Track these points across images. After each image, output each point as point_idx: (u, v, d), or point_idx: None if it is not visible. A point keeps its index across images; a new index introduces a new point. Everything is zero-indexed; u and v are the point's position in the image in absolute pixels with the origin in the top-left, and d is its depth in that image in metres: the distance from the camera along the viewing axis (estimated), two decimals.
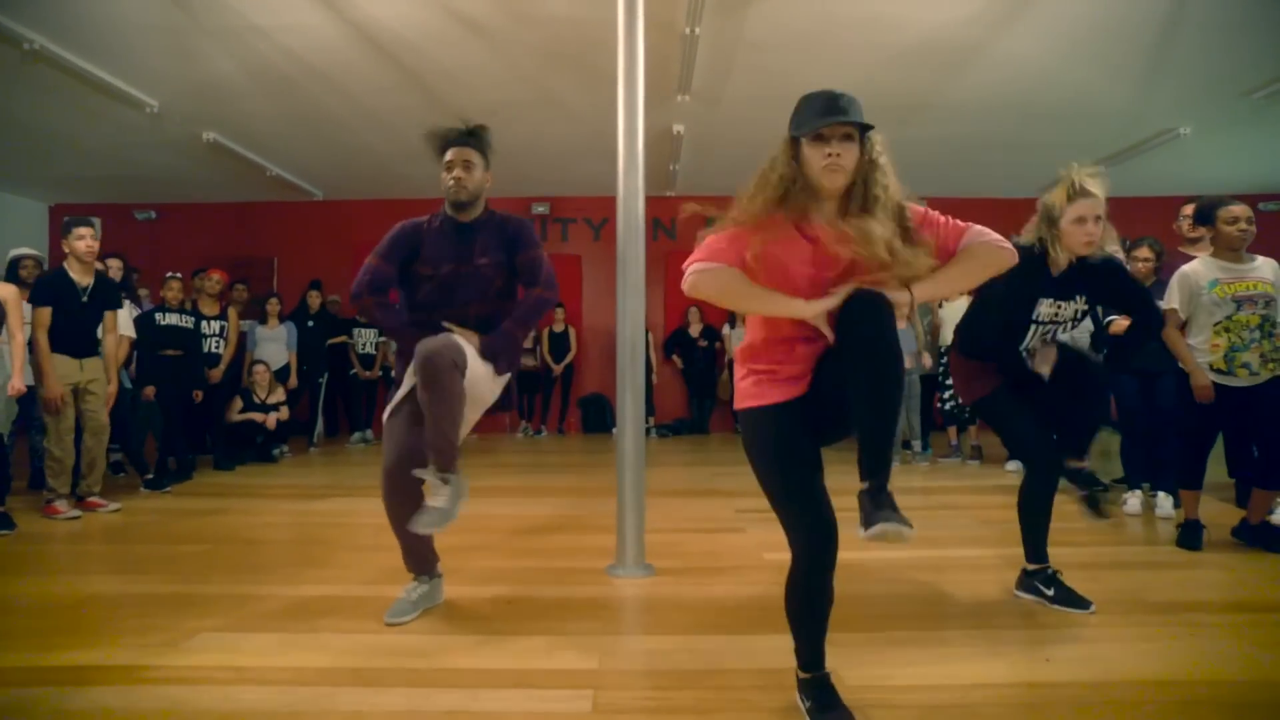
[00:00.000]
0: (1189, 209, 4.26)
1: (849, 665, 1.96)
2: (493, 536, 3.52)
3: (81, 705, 1.77)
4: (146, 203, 9.52)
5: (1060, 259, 2.53)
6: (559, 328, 8.76)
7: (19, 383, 3.77)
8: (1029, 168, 8.28)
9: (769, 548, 3.27)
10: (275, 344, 6.79)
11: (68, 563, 3.23)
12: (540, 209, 9.36)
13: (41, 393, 3.99)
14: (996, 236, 1.75)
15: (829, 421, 1.70)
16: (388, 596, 2.58)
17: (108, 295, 4.33)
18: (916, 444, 6.38)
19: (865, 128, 1.69)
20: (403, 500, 2.30)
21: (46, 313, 4.00)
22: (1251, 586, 2.73)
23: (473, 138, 2.65)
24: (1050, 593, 2.55)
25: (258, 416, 6.25)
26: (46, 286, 4.09)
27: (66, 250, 4.16)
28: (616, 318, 3.09)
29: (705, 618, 2.38)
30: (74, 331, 4.10)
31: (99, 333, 4.30)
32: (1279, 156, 7.97)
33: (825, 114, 1.65)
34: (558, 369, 8.68)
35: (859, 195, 1.68)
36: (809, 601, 1.69)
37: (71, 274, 4.15)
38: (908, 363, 6.14)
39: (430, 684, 1.90)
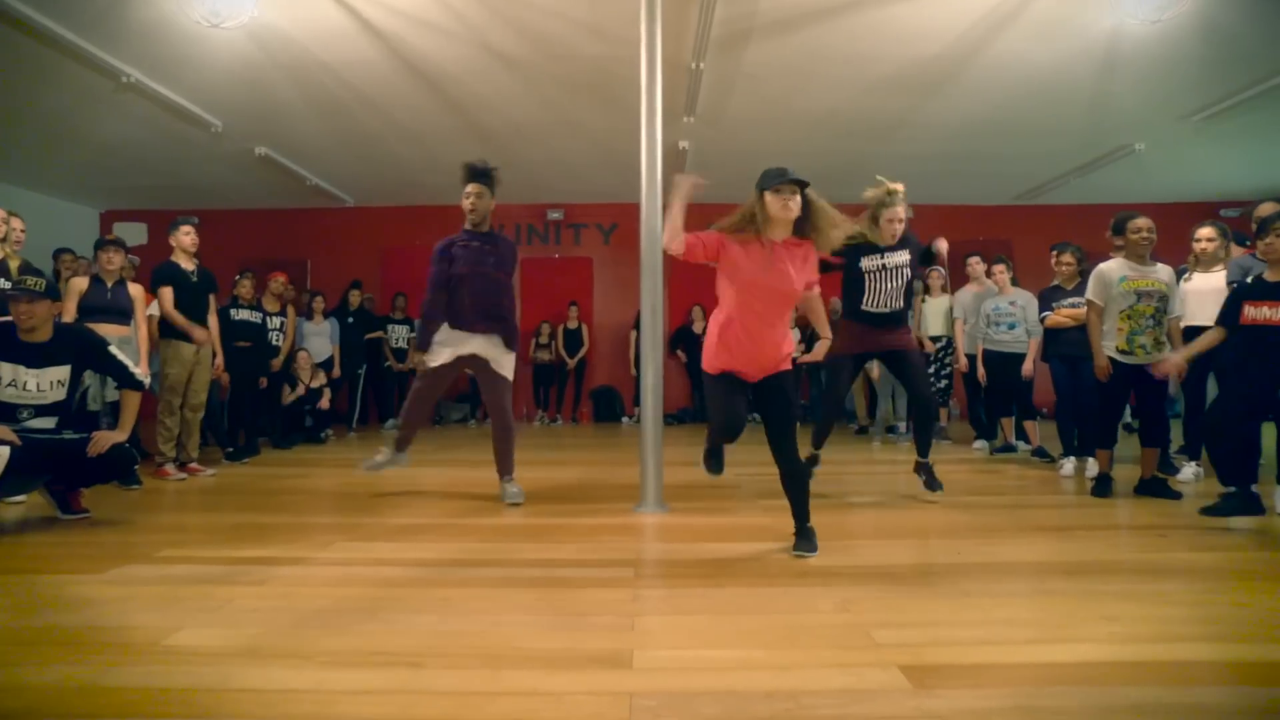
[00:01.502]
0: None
1: (817, 558, 2.75)
2: (532, 488, 4.27)
3: (284, 573, 2.56)
4: (190, 209, 10.29)
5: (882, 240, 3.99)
6: (573, 325, 9.53)
7: (144, 368, 4.56)
8: (1006, 178, 9.11)
9: (765, 495, 4.06)
10: (320, 338, 7.58)
11: (203, 506, 4.02)
12: (555, 215, 10.16)
13: (161, 367, 4.80)
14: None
15: None
16: (466, 525, 3.40)
17: (209, 280, 5.14)
18: (901, 425, 7.15)
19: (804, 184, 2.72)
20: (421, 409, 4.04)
21: (169, 291, 4.82)
22: (1126, 517, 3.54)
23: (483, 175, 3.99)
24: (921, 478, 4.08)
25: (315, 381, 7.08)
26: (163, 272, 4.89)
27: (174, 244, 4.95)
28: (641, 310, 3.84)
29: (711, 534, 3.15)
30: (190, 315, 4.88)
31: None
32: (1230, 169, 8.74)
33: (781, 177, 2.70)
34: (571, 363, 9.46)
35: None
36: None
37: (179, 263, 4.94)
38: None
39: (516, 565, 2.69)
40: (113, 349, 3.60)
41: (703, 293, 9.54)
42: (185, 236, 4.92)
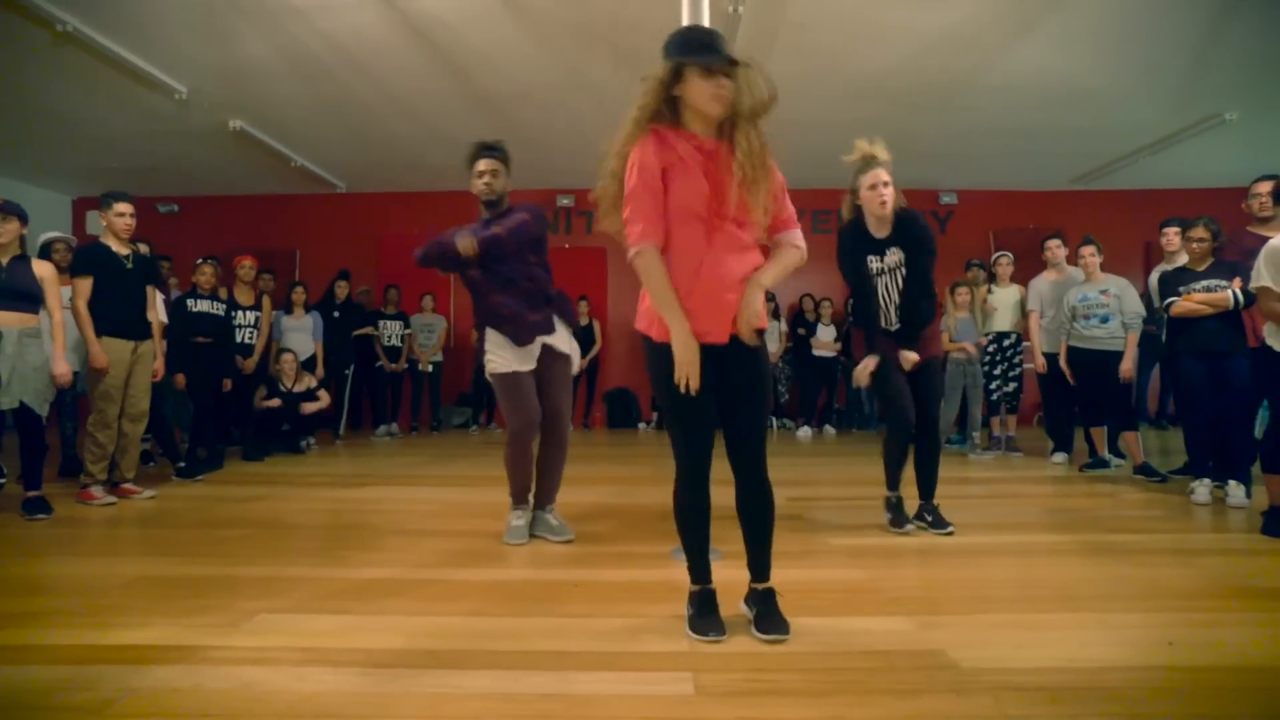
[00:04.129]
0: (1263, 186, 4.12)
1: (958, 647, 1.83)
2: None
3: (147, 683, 1.65)
4: (169, 196, 9.47)
5: (872, 223, 3.09)
6: (583, 321, 8.62)
7: (62, 366, 3.67)
8: (1067, 156, 8.14)
9: (829, 528, 3.17)
10: (301, 334, 6.69)
11: (108, 546, 3.12)
12: (565, 201, 9.27)
13: (88, 368, 3.93)
14: (801, 237, 2.01)
15: None
16: (449, 580, 2.50)
17: (149, 268, 4.24)
18: (977, 435, 6.18)
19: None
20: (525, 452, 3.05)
21: (88, 283, 3.91)
22: None
23: (497, 150, 3.18)
24: (927, 519, 3.19)
25: (309, 406, 6.23)
26: (87, 256, 4.00)
27: (104, 224, 4.07)
28: None
29: (787, 599, 2.22)
30: (123, 307, 4.01)
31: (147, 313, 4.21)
32: None
33: (712, 51, 1.80)
34: (583, 363, 8.53)
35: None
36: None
37: (111, 245, 4.07)
38: (972, 352, 5.96)
39: (518, 668, 1.76)
40: None
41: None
42: (119, 219, 4.02)
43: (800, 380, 8.43)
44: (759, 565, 2.04)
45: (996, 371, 6.03)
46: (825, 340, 8.20)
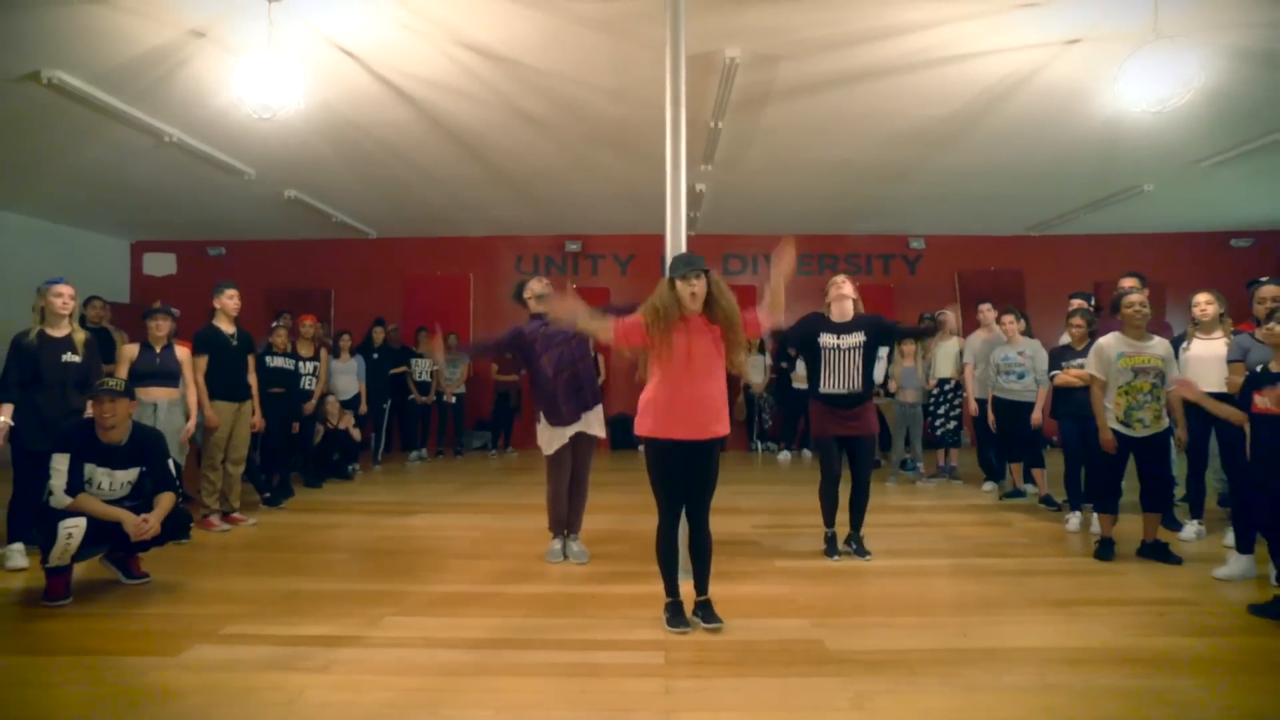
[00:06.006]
0: (1125, 282, 5.24)
1: (831, 638, 2.96)
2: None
3: (341, 657, 2.78)
4: (217, 240, 10.60)
5: (835, 314, 4.43)
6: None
7: (191, 428, 4.81)
8: (1017, 214, 9.29)
9: (782, 555, 4.27)
10: (347, 376, 7.81)
11: (252, 567, 4.25)
12: (573, 246, 10.39)
13: (202, 423, 5.05)
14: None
15: None
16: (507, 594, 3.63)
17: (248, 342, 5.39)
18: (921, 465, 7.33)
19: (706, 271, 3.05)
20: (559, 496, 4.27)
21: (204, 360, 5.07)
22: (1130, 588, 3.70)
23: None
24: (852, 547, 4.32)
25: (347, 425, 7.40)
26: (204, 340, 5.14)
27: (217, 306, 5.19)
28: None
29: (737, 608, 3.29)
30: (231, 377, 5.16)
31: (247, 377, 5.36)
32: (1241, 202, 8.82)
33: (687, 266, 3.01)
34: None
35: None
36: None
37: (220, 326, 5.19)
38: (911, 396, 7.10)
39: (558, 648, 2.90)
40: (170, 462, 3.85)
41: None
42: (229, 301, 5.18)
43: (782, 408, 9.55)
44: (700, 583, 3.20)
45: (940, 411, 7.14)
46: (804, 374, 9.28)
